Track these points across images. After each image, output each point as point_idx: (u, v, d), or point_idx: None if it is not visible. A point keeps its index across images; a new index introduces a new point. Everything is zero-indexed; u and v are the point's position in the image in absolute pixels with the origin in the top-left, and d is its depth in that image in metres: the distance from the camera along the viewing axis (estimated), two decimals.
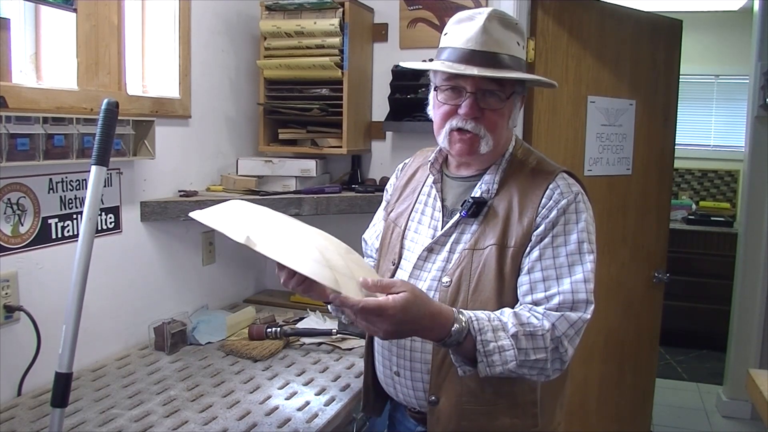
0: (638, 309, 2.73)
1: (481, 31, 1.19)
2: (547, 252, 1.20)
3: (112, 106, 1.18)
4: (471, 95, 1.21)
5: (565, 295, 1.17)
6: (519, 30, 1.25)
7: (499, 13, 1.22)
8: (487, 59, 1.19)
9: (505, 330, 1.11)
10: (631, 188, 2.65)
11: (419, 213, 1.38)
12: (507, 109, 1.25)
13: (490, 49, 1.19)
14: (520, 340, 1.11)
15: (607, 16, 2.51)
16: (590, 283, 1.19)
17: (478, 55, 1.19)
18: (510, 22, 1.23)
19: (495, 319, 1.13)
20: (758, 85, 3.40)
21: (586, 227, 1.22)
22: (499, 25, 1.21)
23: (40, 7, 1.72)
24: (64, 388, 1.11)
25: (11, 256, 1.52)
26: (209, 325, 1.99)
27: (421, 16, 2.37)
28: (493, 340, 1.10)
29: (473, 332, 1.09)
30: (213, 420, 1.44)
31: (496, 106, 1.23)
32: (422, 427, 1.32)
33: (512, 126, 1.29)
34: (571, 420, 2.52)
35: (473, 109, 1.22)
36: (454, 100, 1.24)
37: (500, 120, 1.25)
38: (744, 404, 3.51)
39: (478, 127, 1.23)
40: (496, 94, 1.22)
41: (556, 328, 1.14)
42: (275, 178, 2.21)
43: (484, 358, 1.10)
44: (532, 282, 1.19)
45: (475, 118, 1.22)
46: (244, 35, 2.37)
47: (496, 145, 1.26)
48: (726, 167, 5.11)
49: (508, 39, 1.22)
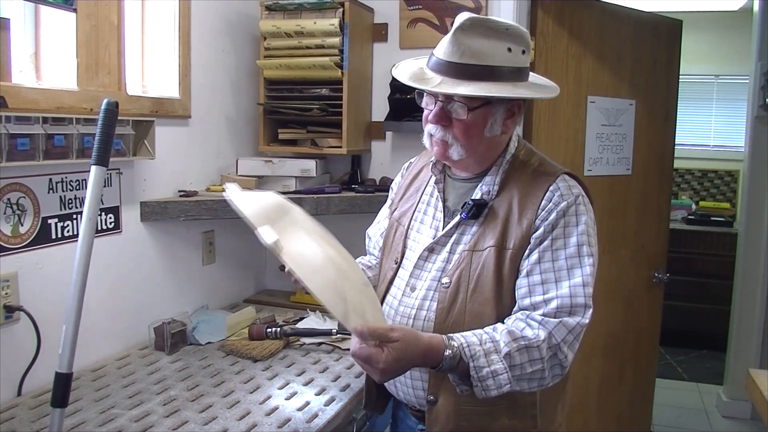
0: (638, 309, 2.73)
1: (451, 42, 1.19)
2: (547, 255, 1.19)
3: (112, 106, 1.18)
4: (439, 103, 1.23)
5: (563, 299, 1.17)
6: (511, 35, 1.20)
7: (478, 21, 1.18)
8: (456, 70, 1.19)
9: (498, 352, 1.12)
10: (631, 188, 2.65)
11: (422, 213, 1.39)
12: (478, 119, 1.23)
13: (460, 60, 1.18)
14: (513, 357, 1.12)
15: (607, 16, 2.51)
16: (589, 287, 1.19)
17: (446, 65, 1.20)
18: (495, 28, 1.19)
19: (487, 341, 1.13)
20: (758, 85, 3.40)
21: (586, 230, 1.22)
22: (478, 34, 1.18)
23: (40, 7, 1.71)
24: (64, 388, 1.11)
25: (11, 256, 1.52)
26: (209, 325, 1.99)
27: (421, 16, 2.37)
28: (486, 365, 1.11)
29: (465, 359, 1.11)
30: (213, 420, 1.44)
31: (462, 116, 1.22)
32: (423, 425, 1.32)
33: (491, 134, 1.25)
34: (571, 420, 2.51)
35: (438, 116, 1.23)
36: (429, 105, 1.27)
37: (469, 129, 1.23)
38: (744, 404, 3.51)
39: (446, 134, 1.24)
40: (465, 105, 1.21)
41: (553, 336, 1.15)
42: (275, 178, 2.21)
43: (479, 383, 1.11)
44: (531, 285, 1.19)
45: (444, 126, 1.24)
46: (244, 35, 2.37)
47: (471, 153, 1.26)
48: (726, 167, 5.11)
49: (490, 48, 1.18)
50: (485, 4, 2.29)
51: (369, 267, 1.58)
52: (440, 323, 1.24)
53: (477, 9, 2.29)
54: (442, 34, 2.36)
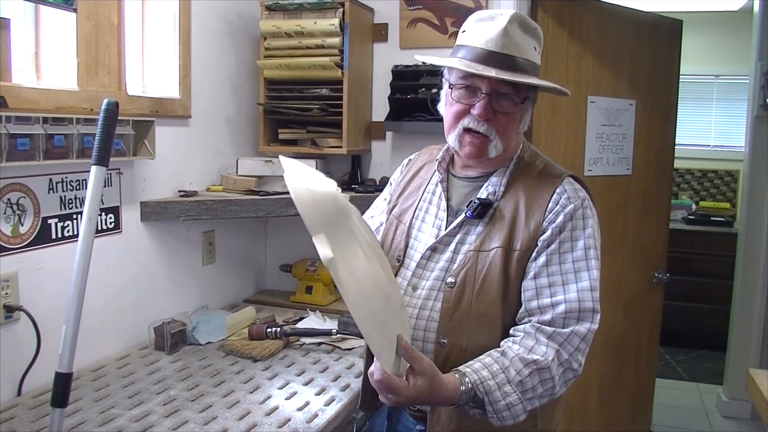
0: (638, 309, 2.73)
1: (502, 33, 1.18)
2: (554, 258, 1.19)
3: (112, 106, 1.18)
4: (486, 96, 1.20)
5: (571, 303, 1.16)
6: (537, 35, 1.24)
7: (520, 17, 1.21)
8: (505, 62, 1.18)
9: (510, 383, 1.12)
10: (631, 188, 2.65)
11: (423, 211, 1.38)
12: (519, 114, 1.24)
13: (510, 52, 1.19)
14: (525, 384, 1.12)
15: (607, 16, 2.51)
16: (596, 292, 1.19)
17: (497, 56, 1.18)
18: (530, 27, 1.22)
19: (498, 373, 1.12)
20: (758, 85, 3.40)
21: (593, 234, 1.22)
22: (520, 28, 1.20)
23: (40, 7, 1.72)
24: (64, 388, 1.12)
25: (11, 256, 1.52)
26: (209, 325, 1.99)
27: (421, 16, 2.37)
28: (501, 399, 1.11)
29: (480, 395, 1.11)
30: (213, 420, 1.44)
31: (510, 109, 1.22)
32: (421, 425, 1.32)
33: (522, 130, 1.28)
34: (571, 420, 2.52)
35: (487, 110, 1.20)
36: (468, 99, 1.23)
37: (511, 124, 1.23)
38: (744, 404, 3.51)
39: (490, 129, 1.22)
40: (511, 98, 1.21)
41: (564, 350, 1.15)
42: (275, 178, 2.21)
43: (494, 415, 1.12)
44: (538, 287, 1.19)
45: (487, 119, 1.21)
46: (244, 35, 2.37)
47: (506, 149, 1.25)
48: (726, 167, 5.11)
49: (527, 43, 1.21)
50: (485, 4, 2.29)
51: None
52: (444, 323, 1.23)
53: (477, 9, 2.28)
54: (442, 33, 2.38)
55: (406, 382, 1.08)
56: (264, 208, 2.04)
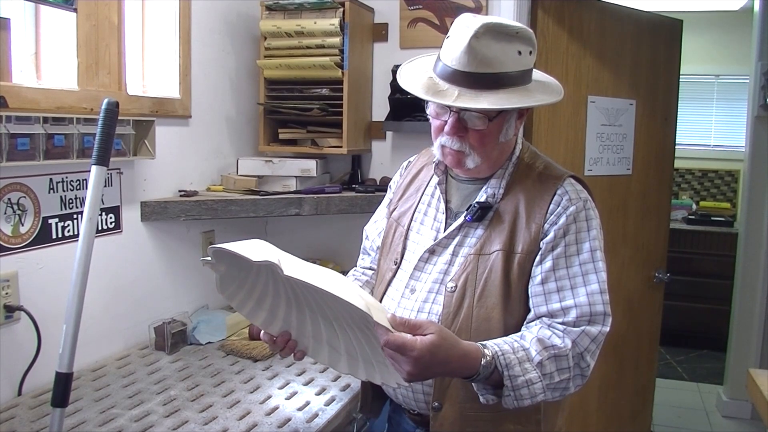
0: (638, 309, 2.73)
1: (465, 51, 1.13)
2: (561, 262, 1.18)
3: (112, 106, 1.18)
4: (454, 114, 1.18)
5: (582, 308, 1.16)
6: (521, 37, 1.17)
7: (491, 26, 1.13)
8: (471, 80, 1.15)
9: (530, 360, 1.10)
10: (631, 188, 2.65)
11: (422, 213, 1.37)
12: (495, 127, 1.20)
13: (475, 69, 1.14)
14: (545, 366, 1.10)
15: (607, 16, 2.51)
16: (606, 294, 1.18)
17: (461, 75, 1.15)
18: (508, 32, 1.15)
19: (519, 350, 1.10)
20: (758, 85, 3.40)
21: (597, 235, 1.21)
22: (491, 39, 1.14)
23: (40, 7, 1.72)
24: (64, 388, 1.12)
25: (11, 256, 1.52)
26: (209, 325, 1.99)
27: (422, 15, 2.37)
28: (521, 374, 1.08)
29: (500, 368, 1.08)
30: (213, 420, 1.44)
31: (480, 127, 1.19)
32: (421, 429, 1.31)
33: (506, 139, 1.24)
34: (571, 420, 2.51)
35: (455, 128, 1.19)
36: (441, 116, 1.22)
37: (486, 138, 1.20)
38: (744, 404, 3.51)
39: (463, 145, 1.20)
40: (481, 117, 1.18)
41: (577, 345, 1.14)
42: (275, 178, 2.21)
43: (512, 392, 1.09)
44: (547, 293, 1.18)
45: (459, 136, 1.20)
46: (245, 35, 2.37)
47: (486, 159, 1.24)
48: (726, 167, 5.11)
49: (503, 52, 1.15)
50: (485, 4, 2.29)
51: (366, 282, 1.51)
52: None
53: (477, 9, 2.29)
54: (442, 33, 2.38)
55: (414, 339, 1.00)
56: (264, 208, 2.04)
